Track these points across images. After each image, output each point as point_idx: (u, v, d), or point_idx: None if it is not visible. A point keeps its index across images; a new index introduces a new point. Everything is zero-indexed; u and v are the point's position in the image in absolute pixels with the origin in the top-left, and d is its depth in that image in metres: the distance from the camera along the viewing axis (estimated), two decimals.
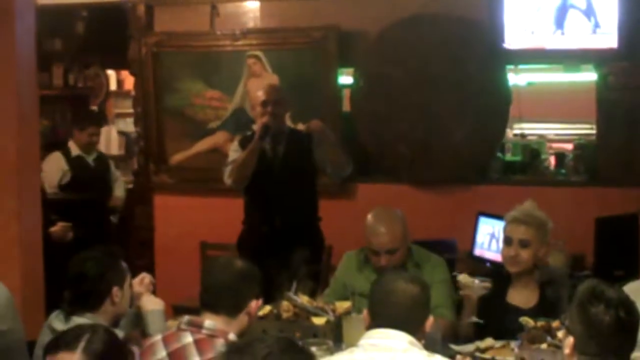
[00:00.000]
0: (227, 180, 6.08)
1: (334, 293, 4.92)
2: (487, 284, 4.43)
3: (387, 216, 4.88)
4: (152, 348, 3.53)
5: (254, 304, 3.64)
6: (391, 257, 4.74)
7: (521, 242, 4.56)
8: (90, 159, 7.65)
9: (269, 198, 6.01)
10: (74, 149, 7.60)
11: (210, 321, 3.51)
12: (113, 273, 3.93)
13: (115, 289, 3.89)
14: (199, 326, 3.50)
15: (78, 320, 3.76)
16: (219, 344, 3.43)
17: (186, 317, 3.57)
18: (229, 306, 3.57)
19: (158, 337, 3.59)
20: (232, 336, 3.48)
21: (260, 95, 6.06)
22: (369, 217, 4.87)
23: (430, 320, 3.46)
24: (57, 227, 6.80)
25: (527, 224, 4.58)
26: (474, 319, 4.43)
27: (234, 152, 6.14)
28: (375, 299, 3.47)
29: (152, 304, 4.06)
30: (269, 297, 4.36)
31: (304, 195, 6.09)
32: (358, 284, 4.82)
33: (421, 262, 4.88)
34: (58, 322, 3.84)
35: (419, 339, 3.36)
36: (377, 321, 3.39)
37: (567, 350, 3.12)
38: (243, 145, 6.07)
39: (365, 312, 3.49)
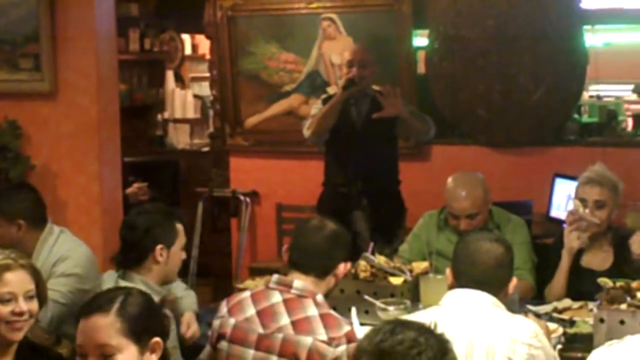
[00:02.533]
0: (306, 132, 6.10)
1: (411, 249, 4.93)
2: (595, 220, 4.43)
3: (468, 180, 4.86)
4: (241, 304, 3.57)
5: (342, 266, 3.65)
6: (471, 221, 4.73)
7: (597, 203, 4.53)
8: None
9: (350, 160, 6.03)
10: None
11: (299, 281, 3.53)
12: (161, 230, 3.88)
13: (159, 247, 3.84)
14: (288, 286, 3.53)
15: (126, 282, 3.77)
16: (308, 304, 3.47)
17: (275, 276, 3.60)
18: (319, 268, 3.58)
19: (247, 294, 3.61)
20: (320, 297, 3.51)
21: (346, 55, 6.10)
22: (449, 181, 4.85)
23: (514, 282, 3.47)
24: (133, 188, 6.89)
25: (601, 184, 4.54)
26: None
27: (316, 108, 6.18)
28: (459, 258, 3.48)
29: None
30: (352, 258, 4.40)
31: (385, 158, 6.11)
32: (438, 244, 4.83)
33: (501, 223, 4.88)
34: (109, 283, 3.80)
35: (501, 299, 3.37)
36: (460, 280, 3.42)
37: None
38: (326, 103, 6.11)
39: (448, 271, 3.51)
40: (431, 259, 4.66)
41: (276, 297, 3.52)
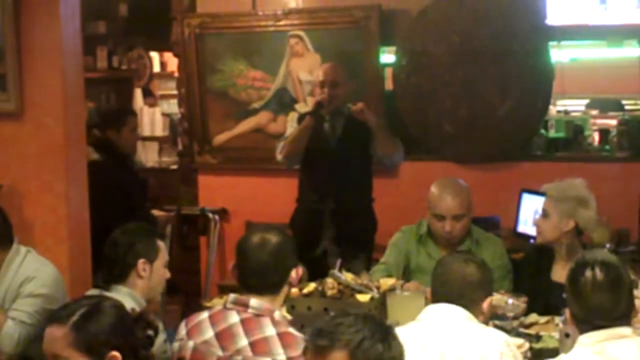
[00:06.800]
0: (278, 155, 6.10)
1: (394, 259, 4.95)
2: (522, 304, 4.27)
3: (453, 183, 4.98)
4: (200, 326, 3.54)
5: (293, 273, 3.62)
6: (456, 223, 4.79)
7: (543, 212, 4.67)
8: None
9: (323, 177, 6.01)
10: None
11: (255, 300, 3.50)
12: (143, 246, 4.01)
13: (142, 261, 3.98)
14: (244, 305, 3.50)
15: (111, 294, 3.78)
16: (265, 323, 3.44)
17: (232, 296, 3.56)
18: (272, 285, 3.56)
19: (205, 315, 3.58)
20: (277, 314, 3.49)
21: (318, 75, 6.10)
22: (433, 186, 4.93)
23: (488, 301, 3.52)
24: None
25: (548, 195, 4.68)
26: None
27: (291, 127, 6.18)
28: (434, 277, 3.58)
29: None
30: (323, 275, 4.41)
31: (359, 175, 6.08)
32: (418, 258, 4.89)
33: (480, 239, 4.96)
34: None
35: (476, 317, 3.43)
36: (434, 297, 3.52)
37: (567, 319, 3.29)
38: (301, 121, 6.10)
39: (428, 291, 3.58)
40: (408, 275, 4.70)
41: (234, 318, 3.49)
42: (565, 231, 4.60)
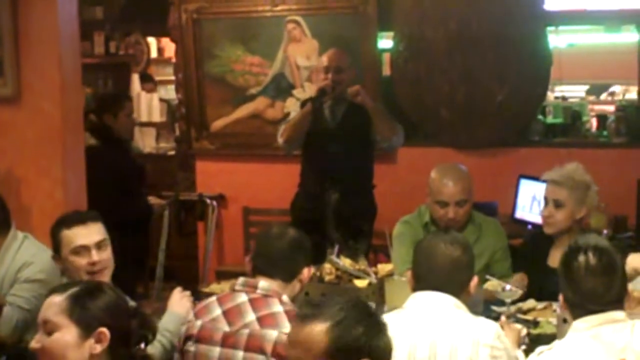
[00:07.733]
0: (279, 139, 6.12)
1: (407, 250, 4.86)
2: (518, 290, 4.25)
3: (453, 168, 4.95)
4: (207, 307, 3.60)
5: (306, 271, 3.70)
6: (459, 209, 4.77)
7: (555, 203, 4.57)
8: None
9: (324, 162, 6.02)
10: None
11: (264, 282, 3.56)
12: (52, 239, 4.06)
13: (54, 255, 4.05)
14: (253, 287, 3.56)
15: None
16: (273, 302, 3.49)
17: (241, 279, 3.63)
18: (285, 272, 3.62)
19: (213, 298, 3.65)
20: (285, 298, 3.55)
21: (322, 61, 6.10)
22: (434, 172, 4.88)
23: (475, 281, 3.49)
24: None
25: (560, 184, 4.58)
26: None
27: (294, 112, 6.18)
28: (417, 262, 3.50)
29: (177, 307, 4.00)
30: (322, 260, 4.41)
31: (359, 161, 6.09)
32: None
33: (482, 223, 4.93)
34: None
35: (464, 300, 3.40)
36: (420, 284, 3.44)
37: (561, 304, 3.27)
38: (304, 106, 6.11)
39: (409, 273, 3.53)
40: None
41: (242, 298, 3.55)
42: (577, 219, 4.58)
